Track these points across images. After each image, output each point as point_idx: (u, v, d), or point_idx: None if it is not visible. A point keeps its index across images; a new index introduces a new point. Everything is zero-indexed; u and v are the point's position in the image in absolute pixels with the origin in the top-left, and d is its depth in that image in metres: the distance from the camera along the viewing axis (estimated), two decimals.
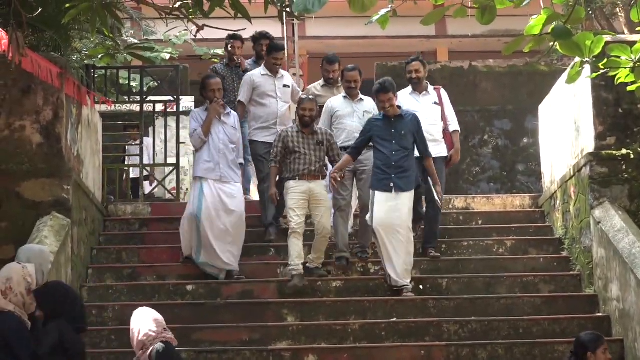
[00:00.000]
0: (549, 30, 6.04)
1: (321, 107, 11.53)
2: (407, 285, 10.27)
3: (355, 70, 11.54)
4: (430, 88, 11.85)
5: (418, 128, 10.65)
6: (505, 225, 12.52)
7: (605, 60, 6.96)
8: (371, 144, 10.70)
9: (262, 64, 12.33)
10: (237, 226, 10.87)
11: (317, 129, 10.89)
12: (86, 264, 11.29)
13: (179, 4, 9.67)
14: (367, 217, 10.46)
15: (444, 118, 11.72)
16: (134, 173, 16.19)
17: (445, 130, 11.72)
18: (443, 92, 11.95)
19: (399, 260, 10.18)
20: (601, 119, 10.64)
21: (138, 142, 15.19)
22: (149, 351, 8.15)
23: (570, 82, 7.56)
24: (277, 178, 10.81)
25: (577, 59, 6.63)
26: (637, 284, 9.22)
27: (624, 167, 10.53)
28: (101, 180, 13.07)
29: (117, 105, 15.35)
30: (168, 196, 14.85)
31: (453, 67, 17.59)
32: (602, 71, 7.18)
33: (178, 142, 14.36)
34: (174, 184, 14.75)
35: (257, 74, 12.05)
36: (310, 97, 11.30)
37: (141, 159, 14.69)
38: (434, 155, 10.98)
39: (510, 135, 17.01)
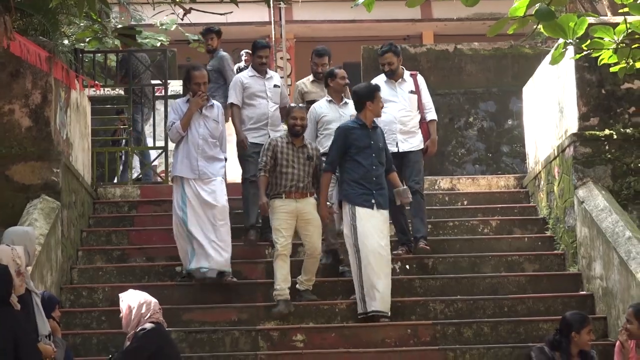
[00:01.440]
0: (533, 12, 6.04)
1: (311, 102, 11.22)
2: (387, 313, 9.58)
3: (341, 69, 11.12)
4: (407, 74, 11.19)
5: (385, 141, 10.08)
6: (490, 206, 12.56)
7: (589, 41, 6.98)
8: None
9: (249, 66, 11.95)
10: (221, 219, 10.29)
11: (307, 142, 10.21)
12: (76, 246, 11.31)
13: None
14: (346, 232, 9.70)
15: (420, 106, 11.10)
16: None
17: (422, 119, 11.12)
18: (420, 79, 11.31)
19: (382, 284, 9.47)
20: (584, 100, 10.67)
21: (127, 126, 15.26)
22: (139, 332, 8.20)
23: (553, 63, 7.56)
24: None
25: (561, 41, 6.64)
26: (620, 262, 9.27)
27: (607, 147, 10.57)
28: (90, 163, 13.06)
29: (106, 89, 15.36)
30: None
31: (438, 50, 17.57)
32: (585, 52, 7.20)
33: (166, 126, 14.33)
34: (163, 167, 14.76)
35: (246, 75, 11.61)
36: (301, 105, 10.69)
37: (129, 143, 14.79)
38: (410, 149, 10.75)
39: (495, 117, 17.01)
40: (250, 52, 12.92)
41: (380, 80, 11.00)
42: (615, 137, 10.56)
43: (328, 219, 9.92)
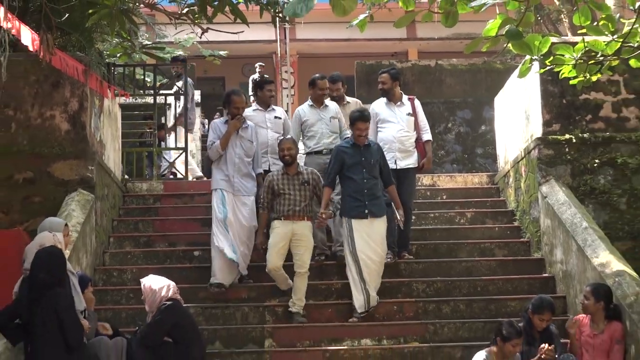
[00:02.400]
0: (504, 33, 6.01)
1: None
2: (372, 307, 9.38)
3: (324, 80, 10.73)
4: (405, 98, 10.77)
5: (382, 157, 9.67)
6: (466, 200, 12.51)
7: (552, 58, 6.98)
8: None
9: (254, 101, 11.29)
10: (248, 235, 9.86)
11: (302, 169, 9.76)
12: (108, 233, 11.26)
13: (186, 10, 9.63)
14: (345, 243, 9.44)
15: (417, 128, 10.68)
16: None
17: (419, 139, 10.68)
18: (417, 102, 10.88)
19: (371, 286, 9.26)
20: (548, 109, 10.65)
21: (153, 130, 15.31)
22: (161, 307, 8.17)
23: (521, 76, 7.54)
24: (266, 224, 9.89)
25: (528, 57, 6.62)
26: (578, 248, 9.26)
27: (567, 149, 10.54)
28: (120, 161, 13.02)
29: (134, 97, 15.36)
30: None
31: (422, 65, 17.61)
32: (548, 67, 7.20)
33: (186, 129, 14.35)
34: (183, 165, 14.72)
35: (250, 110, 10.76)
36: (288, 137, 10.12)
37: (154, 144, 14.89)
38: (405, 166, 10.41)
39: (470, 124, 17.04)
40: (263, 64, 12.83)
41: (381, 102, 10.73)
42: (574, 141, 10.53)
43: (321, 224, 9.61)
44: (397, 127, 10.44)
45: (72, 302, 7.12)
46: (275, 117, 10.78)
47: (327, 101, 10.73)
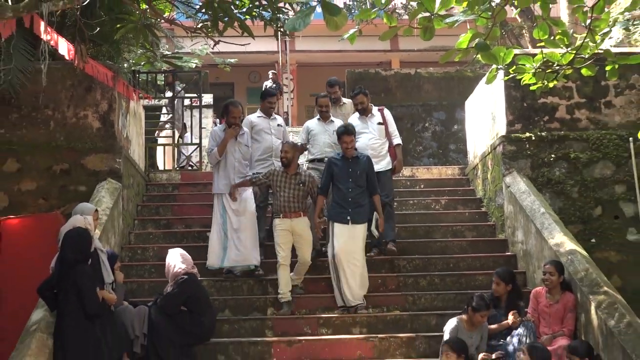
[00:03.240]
0: (474, 45, 6.02)
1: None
2: (362, 303, 9.03)
3: (326, 98, 10.52)
4: (375, 109, 10.38)
5: (370, 168, 9.32)
6: (440, 189, 12.53)
7: (514, 67, 6.98)
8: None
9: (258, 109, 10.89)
10: (249, 223, 9.58)
11: (301, 170, 9.45)
12: (133, 216, 11.29)
13: (200, 24, 9.61)
14: (329, 246, 9.17)
15: (387, 134, 10.29)
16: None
17: (390, 145, 10.31)
18: (386, 112, 10.50)
19: (355, 283, 8.97)
20: (511, 111, 10.65)
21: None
22: (178, 280, 8.22)
23: (488, 83, 7.53)
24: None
25: (494, 66, 6.63)
26: (536, 231, 9.29)
27: (527, 146, 10.55)
28: (144, 155, 13.03)
29: (155, 100, 15.37)
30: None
31: (403, 73, 17.55)
32: (511, 75, 7.19)
33: (200, 127, 14.36)
34: (197, 158, 14.79)
35: (254, 117, 10.52)
36: (288, 142, 9.78)
37: (173, 140, 14.94)
38: (379, 169, 9.98)
39: (445, 123, 16.99)
40: (275, 71, 12.77)
41: (354, 117, 10.42)
42: (533, 138, 10.54)
43: (317, 227, 9.34)
44: (369, 136, 10.15)
45: (92, 277, 7.14)
46: (278, 125, 10.54)
47: (334, 118, 10.48)
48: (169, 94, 15.45)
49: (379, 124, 10.30)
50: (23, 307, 7.79)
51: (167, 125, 15.93)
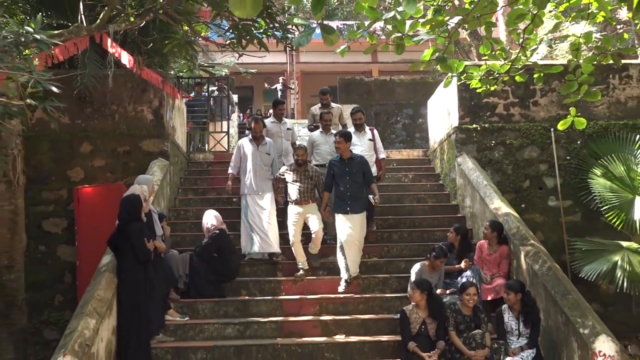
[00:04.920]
0: (435, 58, 5.99)
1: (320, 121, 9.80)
2: (357, 273, 8.53)
3: (329, 114, 9.80)
4: (367, 128, 9.77)
5: (365, 166, 8.60)
6: (409, 166, 12.47)
7: (465, 75, 6.94)
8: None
9: (271, 115, 10.33)
10: (269, 218, 8.92)
11: (309, 167, 8.87)
12: (177, 186, 11.24)
13: (228, 41, 9.56)
14: (335, 233, 8.63)
15: (375, 149, 9.70)
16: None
17: (377, 158, 9.67)
18: (375, 131, 9.91)
19: (353, 261, 8.43)
20: (462, 108, 10.60)
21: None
22: (211, 234, 8.20)
23: (445, 87, 7.54)
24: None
25: (449, 74, 6.59)
26: (480, 198, 9.28)
27: (474, 135, 10.50)
28: (186, 140, 12.93)
29: (196, 98, 15.30)
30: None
31: (381, 80, 17.53)
32: (462, 81, 7.15)
33: (228, 120, 14.31)
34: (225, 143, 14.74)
35: (269, 122, 9.96)
36: (302, 145, 9.22)
37: (208, 129, 14.80)
38: None
39: (412, 117, 16.99)
40: (284, 77, 12.68)
41: (351, 130, 9.64)
42: (478, 129, 10.50)
43: (327, 218, 8.81)
44: (361, 148, 9.58)
45: (143, 231, 7.00)
46: (287, 129, 10.08)
47: (334, 131, 9.79)
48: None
49: (369, 139, 9.78)
50: (95, 253, 7.80)
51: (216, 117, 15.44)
